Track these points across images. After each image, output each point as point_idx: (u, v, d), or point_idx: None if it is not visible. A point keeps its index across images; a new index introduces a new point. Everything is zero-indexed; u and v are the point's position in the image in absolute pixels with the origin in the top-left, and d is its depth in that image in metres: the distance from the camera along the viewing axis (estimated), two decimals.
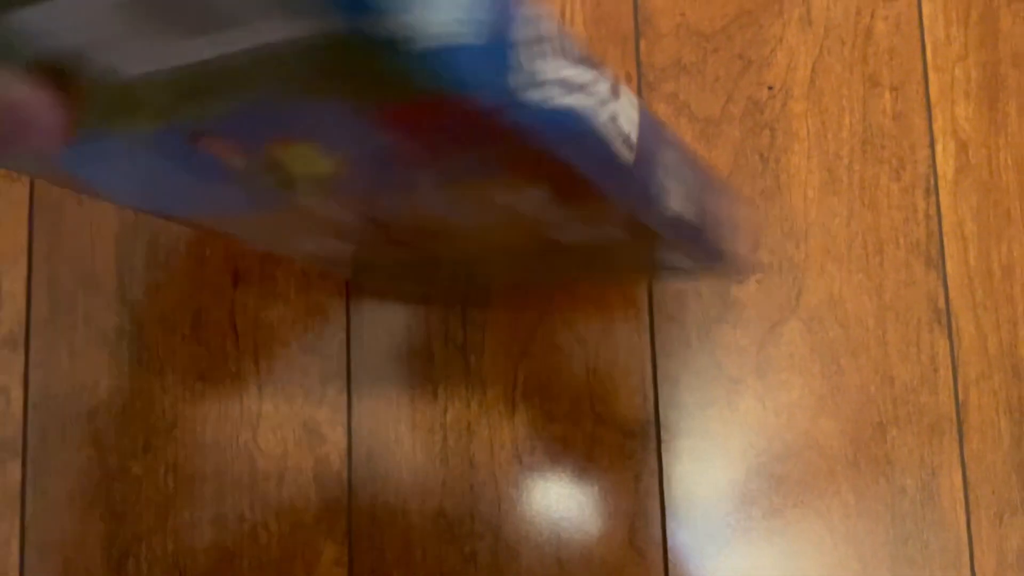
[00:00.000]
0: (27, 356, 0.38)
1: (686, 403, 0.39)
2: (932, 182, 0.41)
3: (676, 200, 0.25)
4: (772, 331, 0.40)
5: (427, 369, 0.39)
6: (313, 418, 0.38)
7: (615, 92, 0.21)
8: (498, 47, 0.17)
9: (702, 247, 0.28)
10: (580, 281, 0.38)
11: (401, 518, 0.38)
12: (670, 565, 0.38)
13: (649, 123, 0.24)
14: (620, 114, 0.22)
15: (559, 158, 0.20)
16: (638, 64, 0.41)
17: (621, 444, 0.39)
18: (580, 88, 0.20)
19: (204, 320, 0.38)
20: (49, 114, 0.20)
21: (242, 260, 0.39)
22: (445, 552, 0.37)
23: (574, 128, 0.20)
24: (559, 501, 0.38)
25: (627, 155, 0.22)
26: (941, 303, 0.40)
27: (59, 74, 0.19)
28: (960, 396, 0.40)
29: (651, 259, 0.29)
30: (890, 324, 0.40)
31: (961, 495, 0.39)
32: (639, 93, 0.41)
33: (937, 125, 0.42)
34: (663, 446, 0.39)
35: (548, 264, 0.30)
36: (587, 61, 0.20)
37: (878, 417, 0.40)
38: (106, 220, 0.38)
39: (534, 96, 0.18)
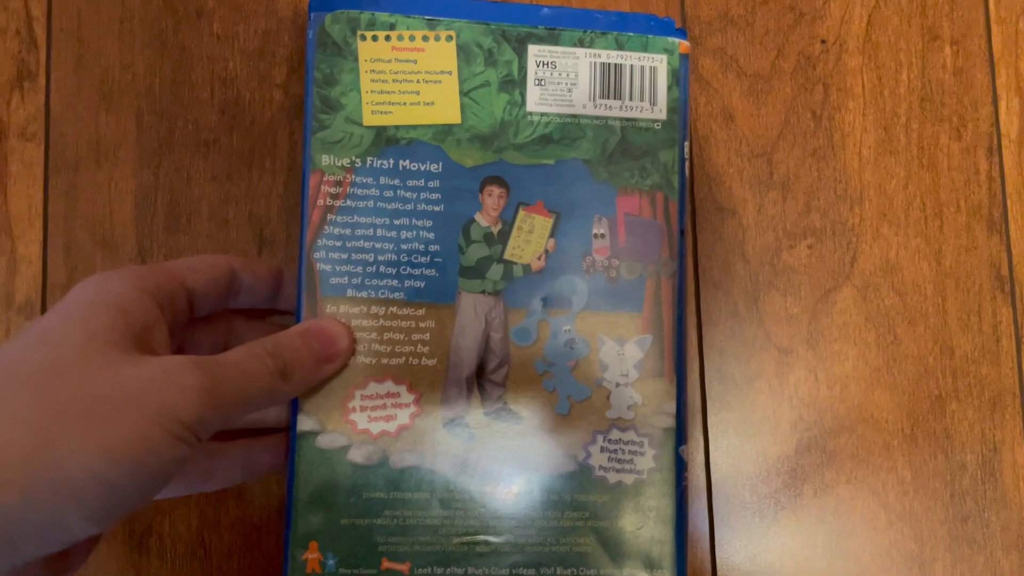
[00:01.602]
0: None
1: (733, 374, 0.37)
2: (995, 141, 0.39)
3: None
4: (825, 299, 0.38)
5: None
6: None
7: None
8: None
9: None
10: None
11: None
12: (716, 543, 0.37)
13: None
14: None
15: None
16: (683, 17, 0.39)
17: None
18: None
19: None
20: None
21: (267, 224, 0.37)
22: None
23: None
24: None
25: None
26: (1004, 270, 0.38)
27: None
28: None
29: None
30: (950, 292, 0.38)
31: None
32: None
33: (1000, 81, 0.39)
34: (709, 419, 0.37)
35: None
36: None
37: (936, 390, 0.37)
38: (124, 181, 0.37)
39: None
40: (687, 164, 0.32)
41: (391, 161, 0.31)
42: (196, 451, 0.25)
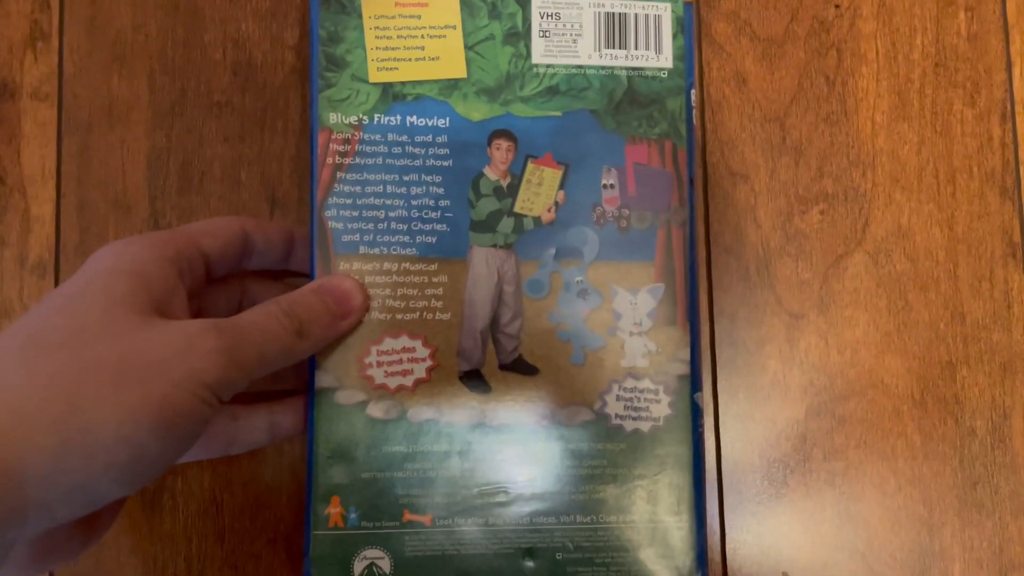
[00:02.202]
0: (57, 283, 0.36)
1: (744, 339, 0.37)
2: (1009, 108, 0.39)
3: None
4: (836, 264, 0.38)
5: None
6: None
7: None
8: None
9: None
10: None
11: None
12: (726, 508, 0.37)
13: None
14: None
15: None
16: None
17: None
18: None
19: None
20: None
21: (280, 185, 0.37)
22: None
23: None
24: None
25: None
26: (1016, 236, 0.38)
27: None
28: None
29: None
30: (961, 258, 0.38)
31: None
32: (697, 11, 0.38)
33: (1015, 47, 0.39)
34: (719, 384, 0.37)
35: None
36: None
37: (947, 355, 0.37)
38: (137, 142, 0.37)
39: None
40: (694, 112, 0.32)
41: (398, 117, 0.31)
42: (218, 413, 0.26)
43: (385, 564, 0.30)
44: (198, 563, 0.36)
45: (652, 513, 0.31)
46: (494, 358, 0.31)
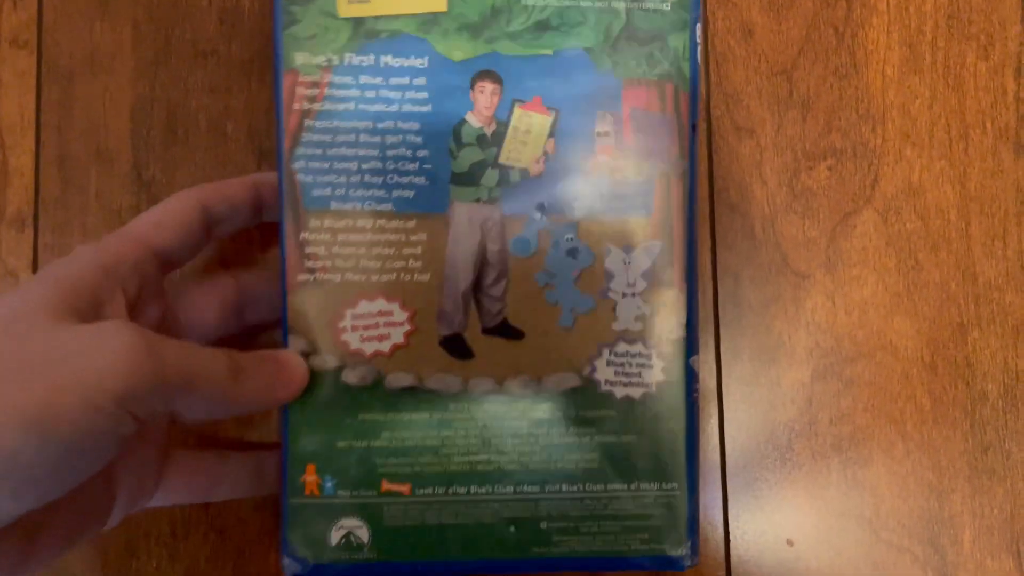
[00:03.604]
0: (36, 237, 0.35)
1: (748, 299, 0.36)
2: (1023, 62, 0.37)
3: None
4: (844, 222, 0.36)
5: None
6: None
7: None
8: None
9: None
10: None
11: None
12: (728, 473, 0.36)
13: None
14: None
15: None
16: None
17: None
18: None
19: None
20: None
21: (267, 138, 0.35)
22: None
23: None
24: None
25: None
26: None
27: None
28: None
29: None
30: (974, 216, 0.37)
31: None
32: None
33: None
34: (722, 345, 0.36)
35: None
36: None
37: (958, 317, 0.36)
38: (120, 91, 0.35)
39: None
40: (700, 49, 0.30)
41: (372, 57, 0.29)
42: (128, 428, 0.22)
43: (363, 533, 0.29)
44: (182, 527, 0.34)
45: (641, 481, 0.30)
46: (477, 322, 0.29)
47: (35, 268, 0.35)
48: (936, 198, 0.36)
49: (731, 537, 0.35)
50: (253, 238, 0.35)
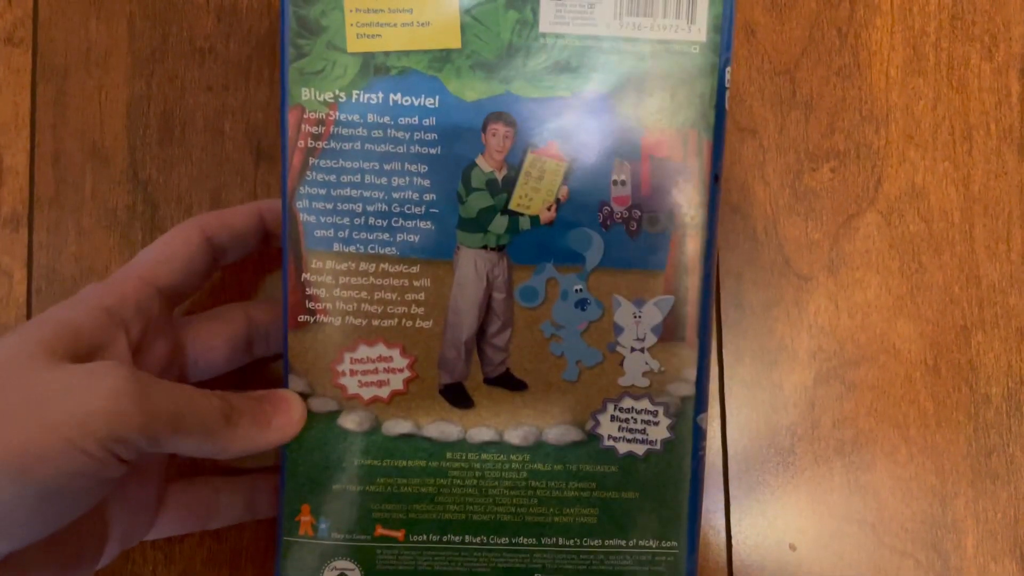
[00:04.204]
0: (31, 237, 0.35)
1: (750, 301, 0.36)
2: None
3: None
4: (847, 224, 0.36)
5: None
6: None
7: None
8: None
9: None
10: None
11: None
12: (730, 476, 0.35)
13: None
14: None
15: None
16: None
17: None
18: None
19: (223, 201, 0.35)
20: None
21: (265, 137, 0.35)
22: None
23: None
24: None
25: None
26: None
27: None
28: None
29: None
30: (977, 218, 0.36)
31: None
32: None
33: None
34: (724, 347, 0.36)
35: None
36: None
37: (962, 320, 0.36)
38: (116, 89, 0.35)
39: None
40: (727, 95, 0.28)
41: (380, 95, 0.27)
42: (114, 470, 0.22)
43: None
44: None
45: (640, 538, 0.29)
46: (479, 371, 0.28)
47: (30, 267, 0.34)
48: (939, 200, 0.36)
49: (733, 541, 0.35)
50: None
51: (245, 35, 0.35)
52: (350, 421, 0.28)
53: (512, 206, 0.28)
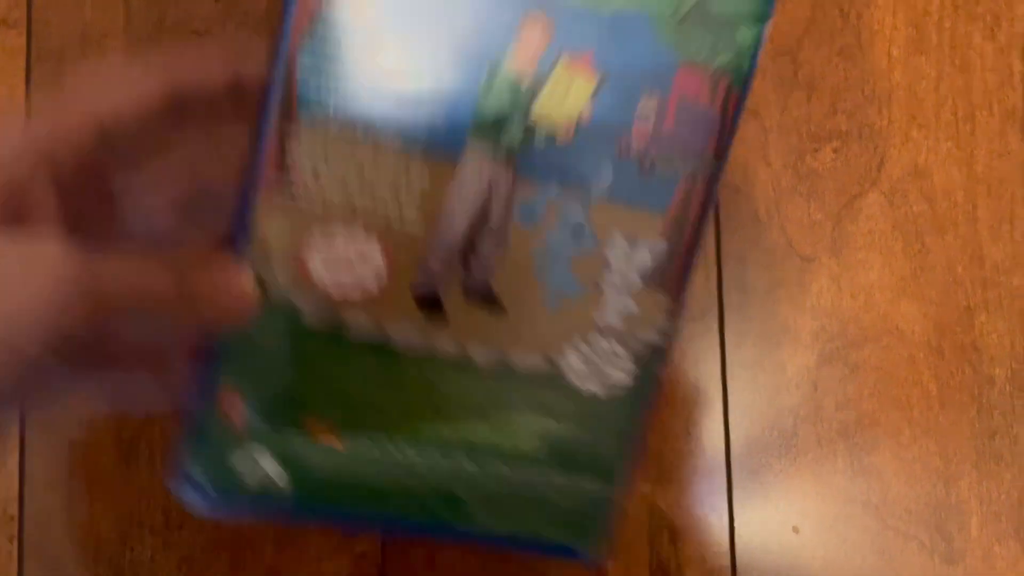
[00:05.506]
0: None
1: (752, 283, 0.36)
2: None
3: None
4: (850, 205, 0.36)
5: None
6: None
7: None
8: None
9: None
10: None
11: None
12: (732, 459, 0.35)
13: None
14: None
15: None
16: None
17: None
18: None
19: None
20: None
21: None
22: None
23: None
24: None
25: None
26: None
27: None
28: None
29: None
30: (981, 198, 0.36)
31: None
32: None
33: None
34: (726, 329, 0.35)
35: None
36: None
37: (965, 300, 0.36)
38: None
39: None
40: (760, 51, 0.27)
41: None
42: (47, 365, 0.19)
43: (278, 472, 0.27)
44: (177, 515, 0.34)
45: (578, 476, 0.29)
46: (459, 284, 0.27)
47: None
48: (943, 180, 0.36)
49: (736, 524, 0.35)
50: None
51: (243, 17, 0.35)
52: (311, 317, 0.26)
53: (532, 118, 0.27)
